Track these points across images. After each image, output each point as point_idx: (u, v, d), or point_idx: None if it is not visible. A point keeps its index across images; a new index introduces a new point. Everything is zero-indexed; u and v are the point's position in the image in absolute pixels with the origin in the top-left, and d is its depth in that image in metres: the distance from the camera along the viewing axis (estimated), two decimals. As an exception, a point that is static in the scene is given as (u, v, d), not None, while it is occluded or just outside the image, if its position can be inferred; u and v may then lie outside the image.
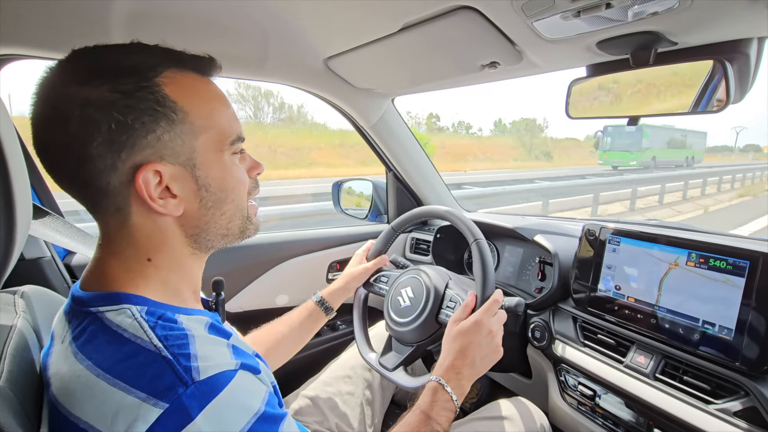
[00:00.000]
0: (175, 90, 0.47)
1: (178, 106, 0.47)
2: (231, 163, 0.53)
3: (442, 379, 0.75)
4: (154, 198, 0.46)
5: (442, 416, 0.71)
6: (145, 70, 0.45)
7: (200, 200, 0.50)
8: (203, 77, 0.51)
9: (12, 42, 0.81)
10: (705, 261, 0.78)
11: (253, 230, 0.59)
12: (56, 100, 0.44)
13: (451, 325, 0.82)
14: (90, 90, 0.43)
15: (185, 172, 0.48)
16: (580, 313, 0.99)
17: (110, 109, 0.43)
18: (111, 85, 0.43)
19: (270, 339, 0.95)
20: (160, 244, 0.50)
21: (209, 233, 0.53)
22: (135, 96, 0.44)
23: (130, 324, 0.44)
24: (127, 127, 0.43)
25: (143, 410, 0.39)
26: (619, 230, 0.93)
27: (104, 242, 0.50)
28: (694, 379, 0.76)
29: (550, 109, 53.46)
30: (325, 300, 1.02)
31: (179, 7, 0.79)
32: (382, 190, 1.64)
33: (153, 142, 0.45)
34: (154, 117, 0.45)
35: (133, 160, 0.45)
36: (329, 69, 1.12)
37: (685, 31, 0.70)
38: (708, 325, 0.76)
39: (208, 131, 0.49)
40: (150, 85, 0.45)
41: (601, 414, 0.90)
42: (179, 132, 0.47)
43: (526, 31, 0.76)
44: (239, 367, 0.45)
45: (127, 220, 0.48)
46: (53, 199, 1.07)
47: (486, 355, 0.80)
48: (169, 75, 0.47)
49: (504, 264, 1.32)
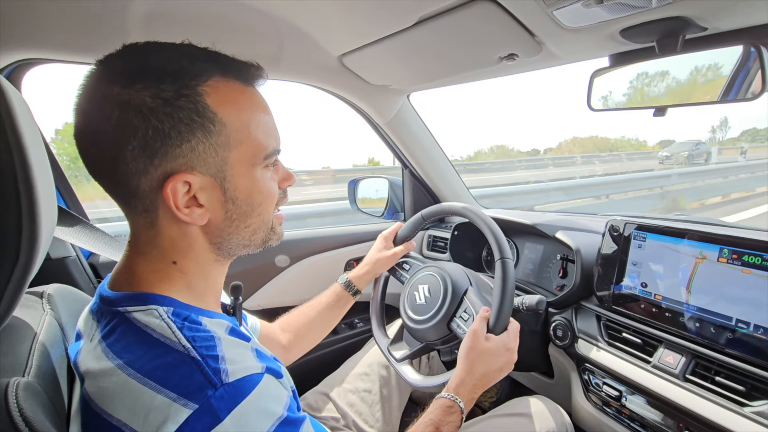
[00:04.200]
0: (216, 100, 0.46)
1: (217, 118, 0.46)
2: (262, 176, 0.52)
3: (458, 397, 0.75)
4: (180, 207, 0.47)
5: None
6: (189, 77, 0.45)
7: (225, 212, 0.50)
8: (247, 86, 0.51)
9: (33, 46, 0.83)
10: (738, 257, 0.74)
11: (275, 240, 0.59)
12: (99, 98, 0.44)
13: (472, 339, 0.80)
14: (131, 93, 0.43)
15: (214, 183, 0.48)
16: (604, 311, 0.96)
17: (149, 115, 0.43)
18: (153, 90, 0.43)
19: (299, 324, 0.96)
20: (185, 249, 0.51)
21: (231, 243, 0.54)
22: (175, 104, 0.44)
23: (158, 324, 0.45)
24: (163, 134, 0.44)
25: (173, 410, 0.39)
26: (645, 225, 0.90)
27: (133, 241, 0.51)
28: (727, 380, 0.73)
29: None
30: (352, 282, 1.02)
31: (194, 8, 0.80)
32: (398, 187, 1.63)
33: (187, 151, 0.45)
34: (191, 127, 0.45)
35: (164, 168, 0.45)
36: (344, 66, 1.11)
37: (717, 15, 0.66)
38: (742, 324, 0.72)
39: (243, 145, 0.49)
40: (192, 93, 0.45)
41: (628, 415, 0.88)
42: (214, 144, 0.47)
43: (545, 20, 0.74)
44: (265, 370, 0.46)
45: (154, 222, 0.49)
46: (79, 203, 1.10)
47: (502, 372, 0.81)
48: (213, 84, 0.46)
49: (524, 261, 1.30)
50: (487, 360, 0.78)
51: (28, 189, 0.42)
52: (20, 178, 0.41)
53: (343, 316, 1.02)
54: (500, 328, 0.82)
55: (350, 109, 1.39)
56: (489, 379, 0.79)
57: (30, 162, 0.42)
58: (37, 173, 0.43)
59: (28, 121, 0.46)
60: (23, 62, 0.88)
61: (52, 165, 0.53)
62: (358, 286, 1.02)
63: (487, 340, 0.80)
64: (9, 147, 0.40)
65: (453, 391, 0.76)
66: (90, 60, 0.90)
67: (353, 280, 1.02)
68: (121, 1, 0.73)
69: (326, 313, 0.99)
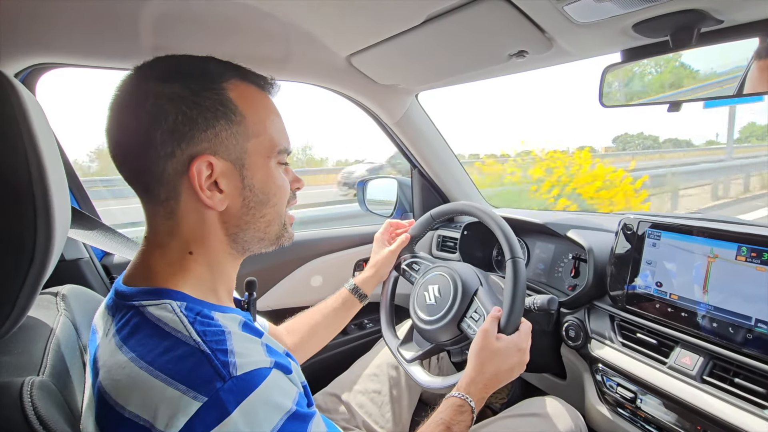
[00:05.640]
0: (238, 96, 0.52)
1: (238, 110, 0.52)
2: (276, 170, 0.57)
3: (469, 396, 0.74)
4: (203, 188, 0.50)
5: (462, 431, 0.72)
6: (214, 75, 0.52)
7: (243, 199, 0.54)
8: (262, 91, 0.57)
9: (47, 50, 0.84)
10: (758, 255, 0.72)
11: (287, 239, 0.62)
12: (135, 90, 0.50)
13: (483, 339, 0.80)
14: (165, 86, 0.49)
15: (234, 169, 0.52)
16: (618, 312, 0.95)
17: (180, 102, 0.48)
18: (183, 83, 0.49)
19: (305, 327, 0.97)
20: (202, 238, 0.53)
21: (247, 234, 0.56)
22: (202, 95, 0.50)
23: (170, 318, 0.46)
24: (191, 120, 0.49)
25: (183, 403, 0.40)
26: (659, 224, 0.88)
27: (150, 234, 0.53)
28: (746, 382, 0.71)
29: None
30: (359, 287, 1.02)
31: (204, 11, 0.80)
32: (408, 187, 1.63)
33: (211, 136, 0.50)
34: (215, 114, 0.50)
35: (190, 151, 0.49)
36: (352, 66, 1.11)
37: (733, 6, 0.65)
38: (762, 324, 0.71)
39: (260, 137, 0.54)
40: (217, 87, 0.51)
41: (643, 418, 0.86)
42: (235, 132, 0.52)
43: (556, 16, 0.73)
44: (273, 365, 0.46)
45: (175, 210, 0.51)
46: (92, 204, 1.12)
47: (513, 373, 0.80)
48: (234, 83, 0.53)
49: (534, 261, 1.28)
50: (498, 360, 0.77)
51: (43, 191, 0.42)
52: (35, 180, 0.42)
53: (350, 320, 1.03)
54: (512, 328, 0.81)
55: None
56: (499, 379, 0.78)
57: (44, 164, 0.43)
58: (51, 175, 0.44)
59: (43, 124, 0.46)
60: (38, 66, 0.90)
61: (66, 167, 0.54)
62: (364, 290, 1.02)
63: (498, 340, 0.79)
64: (24, 150, 0.41)
65: (464, 390, 0.75)
66: (102, 64, 0.92)
67: (359, 284, 1.02)
68: (132, 5, 0.74)
69: (332, 317, 0.99)
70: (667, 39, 0.74)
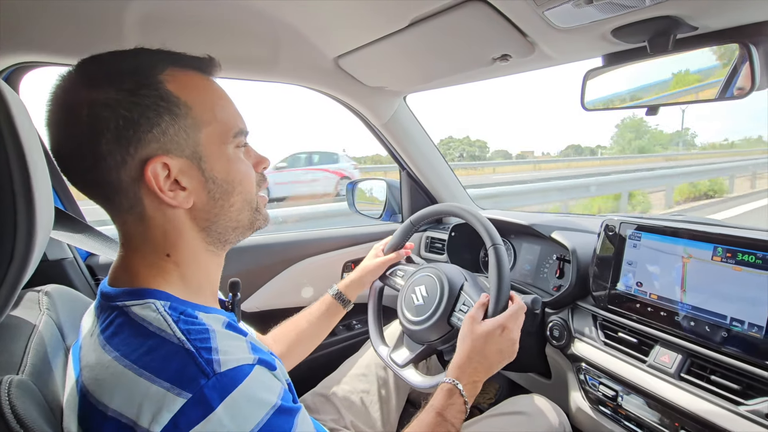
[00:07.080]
0: (177, 86, 0.49)
1: (181, 101, 0.49)
2: (235, 156, 0.54)
3: (457, 381, 0.74)
4: (164, 190, 0.48)
5: (456, 417, 0.72)
6: (147, 69, 0.48)
7: (208, 192, 0.52)
8: (205, 75, 0.53)
9: (31, 49, 0.84)
10: (732, 255, 0.74)
11: (262, 221, 0.60)
12: (67, 103, 0.47)
13: (469, 324, 0.81)
14: (97, 92, 0.45)
15: (191, 164, 0.50)
16: (600, 311, 0.96)
17: (116, 107, 0.45)
18: (116, 85, 0.46)
19: (290, 335, 0.96)
20: (176, 238, 0.52)
21: (219, 225, 0.55)
22: (139, 93, 0.46)
23: (154, 318, 0.46)
24: (133, 122, 0.46)
25: (168, 399, 0.40)
26: (640, 225, 0.90)
27: (125, 241, 0.52)
28: (722, 379, 0.73)
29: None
30: (342, 293, 1.02)
31: (190, 10, 0.80)
32: (396, 189, 1.63)
33: (158, 135, 0.47)
34: (157, 112, 0.47)
35: (141, 155, 0.47)
36: (339, 67, 1.12)
37: (706, 14, 0.67)
38: (736, 323, 0.72)
39: (211, 125, 0.51)
40: (153, 82, 0.47)
41: (624, 415, 0.87)
42: (183, 126, 0.49)
43: (537, 20, 0.74)
44: (256, 362, 0.46)
45: (142, 216, 0.50)
46: (77, 204, 1.11)
47: (503, 355, 0.80)
48: (171, 73, 0.49)
49: (521, 262, 1.30)
50: (483, 342, 0.78)
51: (26, 190, 0.42)
52: (17, 179, 0.42)
53: (335, 325, 1.03)
54: (500, 313, 0.82)
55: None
56: (490, 362, 0.78)
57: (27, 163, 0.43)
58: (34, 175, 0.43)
59: (26, 123, 0.46)
60: (21, 65, 0.89)
61: (49, 167, 0.54)
62: (348, 295, 1.02)
63: (482, 324, 0.80)
64: (6, 149, 0.41)
65: (452, 375, 0.76)
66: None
67: (343, 290, 1.02)
68: (118, 4, 0.74)
69: (317, 324, 0.99)
70: (645, 44, 0.76)
